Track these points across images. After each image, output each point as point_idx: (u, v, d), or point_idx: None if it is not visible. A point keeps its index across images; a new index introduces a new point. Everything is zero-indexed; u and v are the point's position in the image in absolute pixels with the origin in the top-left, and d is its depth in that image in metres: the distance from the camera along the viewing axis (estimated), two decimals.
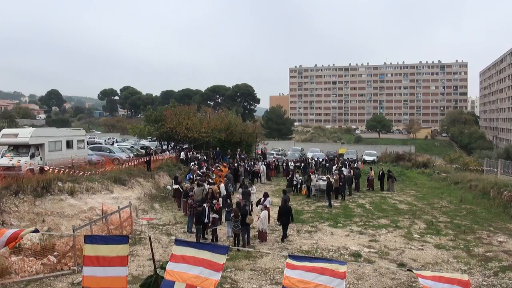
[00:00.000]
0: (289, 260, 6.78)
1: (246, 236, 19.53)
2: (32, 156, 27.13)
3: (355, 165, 42.98)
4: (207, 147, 47.86)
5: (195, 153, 43.92)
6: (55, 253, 15.92)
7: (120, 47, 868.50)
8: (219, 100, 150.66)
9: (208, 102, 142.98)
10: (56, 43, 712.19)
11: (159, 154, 40.53)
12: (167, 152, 42.99)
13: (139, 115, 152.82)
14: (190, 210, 21.61)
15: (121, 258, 7.04)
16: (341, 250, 18.44)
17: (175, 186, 28.32)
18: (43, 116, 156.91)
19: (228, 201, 23.71)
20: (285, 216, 20.56)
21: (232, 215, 19.59)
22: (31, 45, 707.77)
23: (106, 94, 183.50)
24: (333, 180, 30.56)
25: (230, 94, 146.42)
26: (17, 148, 27.75)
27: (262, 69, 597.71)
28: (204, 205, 20.56)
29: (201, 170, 33.74)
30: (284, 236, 20.28)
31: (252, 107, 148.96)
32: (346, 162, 44.80)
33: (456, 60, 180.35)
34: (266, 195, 23.00)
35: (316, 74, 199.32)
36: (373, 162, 57.41)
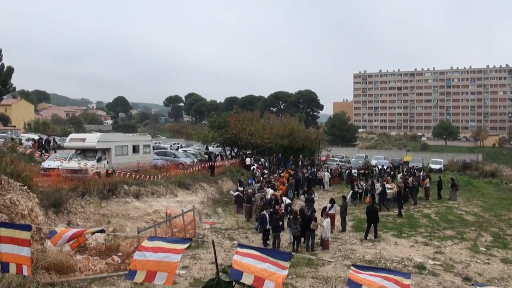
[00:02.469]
0: (353, 269, 6.57)
1: (310, 242, 19.35)
2: (98, 160, 27.81)
3: (420, 174, 41.48)
4: (269, 153, 47.84)
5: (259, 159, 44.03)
6: (120, 253, 16.22)
7: (185, 55, 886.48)
8: (282, 107, 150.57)
9: (271, 108, 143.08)
10: (122, 51, 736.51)
11: (224, 159, 40.93)
12: (219, 156, 43.21)
13: (203, 121, 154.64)
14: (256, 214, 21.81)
15: (177, 249, 7.02)
16: (405, 261, 17.86)
17: (237, 193, 28.43)
18: (110, 122, 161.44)
19: (289, 208, 23.54)
20: (372, 216, 21.21)
21: (291, 217, 19.47)
22: (98, 54, 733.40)
23: (172, 100, 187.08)
24: (397, 188, 29.91)
25: (293, 100, 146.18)
26: (84, 152, 28.48)
27: (325, 75, 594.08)
28: (264, 212, 20.47)
29: (264, 176, 33.77)
30: (372, 235, 21.41)
31: (315, 113, 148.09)
32: (411, 170, 43.71)
33: None
34: (332, 201, 22.78)
35: (381, 80, 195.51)
36: (439, 170, 55.75)
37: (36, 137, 50.02)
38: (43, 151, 38.31)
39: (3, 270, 7.93)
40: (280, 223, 20.02)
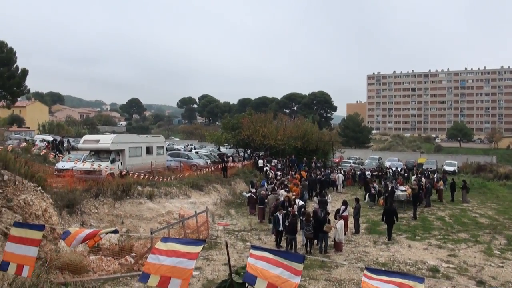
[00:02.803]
0: (366, 273, 6.49)
1: (323, 244, 19.28)
2: (112, 161, 27.88)
3: (434, 176, 41.02)
4: (283, 154, 47.74)
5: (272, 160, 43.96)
6: (133, 254, 16.28)
7: (198, 57, 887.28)
8: (295, 108, 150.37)
9: (284, 110, 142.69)
10: (136, 53, 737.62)
11: (235, 161, 40.92)
12: (230, 158, 43.17)
13: (217, 123, 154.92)
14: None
15: (191, 253, 6.98)
16: (419, 264, 17.73)
17: (249, 194, 28.42)
18: (124, 123, 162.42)
19: (302, 209, 23.45)
20: (390, 216, 21.33)
21: (304, 219, 19.40)
22: (113, 56, 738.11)
23: (185, 102, 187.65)
24: (410, 190, 29.72)
25: (306, 101, 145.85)
26: (98, 153, 28.55)
27: (339, 76, 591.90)
28: (277, 213, 20.42)
29: (277, 178, 33.71)
30: (389, 237, 21.49)
31: (329, 114, 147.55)
32: (425, 172, 43.41)
33: None
34: (345, 203, 22.68)
35: (395, 81, 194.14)
36: (453, 172, 55.26)
37: (50, 138, 50.41)
38: (57, 152, 38.55)
39: (1, 268, 7.95)
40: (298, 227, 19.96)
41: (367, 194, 32.58)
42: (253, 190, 28.46)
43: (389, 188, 30.99)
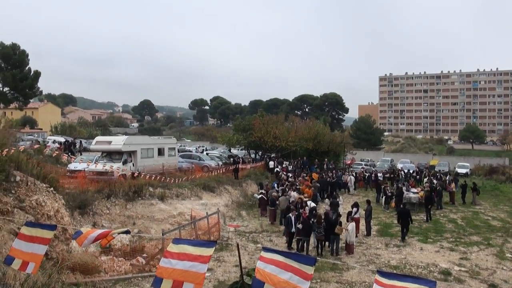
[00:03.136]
0: (378, 277, 6.42)
1: (335, 247, 19.20)
2: (124, 163, 27.95)
3: (446, 178, 40.58)
4: (294, 156, 47.67)
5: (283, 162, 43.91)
6: (144, 255, 16.30)
7: (210, 59, 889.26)
8: (307, 110, 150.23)
9: (296, 111, 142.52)
10: (148, 56, 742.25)
11: (245, 162, 40.92)
12: (240, 159, 43.16)
13: (228, 124, 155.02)
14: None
15: (203, 257, 6.95)
16: (431, 267, 17.58)
17: (260, 196, 28.38)
18: (135, 124, 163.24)
19: (314, 211, 23.35)
20: (404, 218, 21.46)
21: (315, 221, 19.33)
22: (125, 58, 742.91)
23: (197, 104, 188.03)
24: (422, 192, 29.54)
25: (318, 103, 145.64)
26: (110, 155, 28.66)
27: (350, 78, 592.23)
28: (290, 214, 20.37)
29: (288, 179, 33.65)
30: (403, 237, 21.69)
31: (340, 116, 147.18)
32: (437, 175, 43.13)
33: None
34: (356, 205, 22.57)
35: (407, 83, 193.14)
36: (466, 175, 54.82)
37: (62, 139, 50.68)
38: (69, 154, 38.75)
39: (6, 262, 7.97)
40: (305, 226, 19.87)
41: (383, 197, 32.17)
42: (262, 191, 28.42)
43: (399, 190, 30.80)
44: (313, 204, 24.90)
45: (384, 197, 32.07)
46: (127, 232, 8.95)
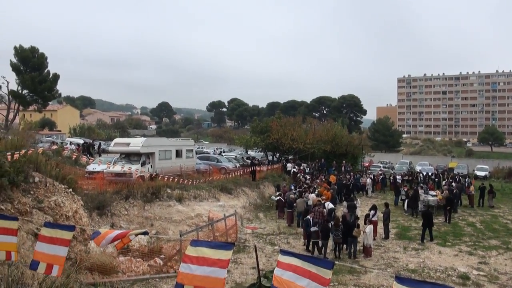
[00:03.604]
0: (396, 284, 6.33)
1: (352, 249, 19.07)
2: (142, 164, 28.10)
3: (465, 181, 39.96)
4: (312, 158, 47.52)
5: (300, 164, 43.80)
6: (162, 256, 16.36)
7: (228, 61, 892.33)
8: (325, 112, 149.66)
9: (314, 113, 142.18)
10: (166, 58, 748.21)
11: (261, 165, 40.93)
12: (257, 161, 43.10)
13: (246, 126, 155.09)
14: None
15: (222, 261, 6.93)
16: (449, 271, 17.35)
17: (278, 197, 28.31)
18: (154, 126, 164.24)
19: (333, 214, 23.20)
20: (428, 219, 21.64)
21: (333, 223, 19.21)
22: (143, 61, 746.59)
23: (214, 106, 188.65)
24: (441, 195, 29.26)
25: (336, 105, 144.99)
26: (129, 156, 28.84)
27: (368, 79, 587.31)
28: (308, 216, 20.29)
29: (306, 182, 33.55)
30: (423, 238, 21.95)
31: (358, 118, 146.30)
32: (456, 177, 42.67)
33: None
34: (374, 208, 22.38)
35: (425, 84, 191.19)
36: (485, 177, 54.08)
37: (80, 141, 51.12)
38: (88, 155, 39.05)
39: (32, 267, 8.03)
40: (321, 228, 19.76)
41: (405, 200, 31.62)
42: (280, 193, 28.38)
43: (414, 192, 30.48)
44: (331, 205, 24.70)
45: (407, 200, 31.56)
46: (145, 233, 8.98)
